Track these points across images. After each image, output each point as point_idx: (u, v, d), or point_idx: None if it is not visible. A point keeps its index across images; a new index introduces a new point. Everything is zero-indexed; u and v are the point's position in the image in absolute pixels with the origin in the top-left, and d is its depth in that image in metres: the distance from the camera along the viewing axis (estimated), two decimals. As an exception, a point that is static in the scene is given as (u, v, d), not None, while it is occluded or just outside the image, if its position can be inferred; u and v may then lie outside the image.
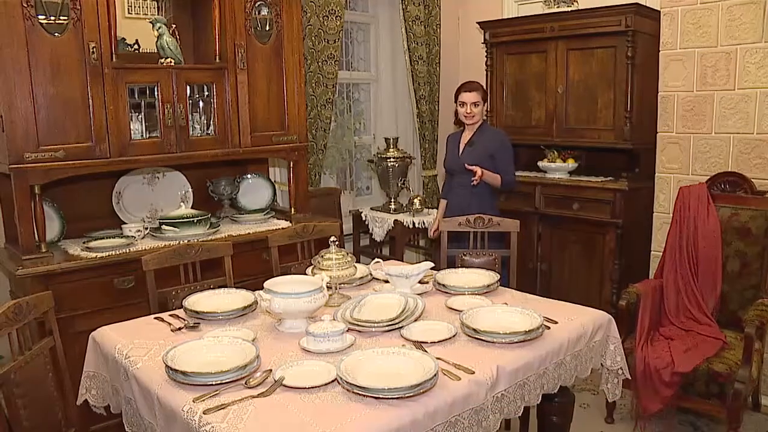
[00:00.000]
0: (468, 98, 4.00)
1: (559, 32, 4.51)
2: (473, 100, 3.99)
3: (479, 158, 3.96)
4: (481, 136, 4.07)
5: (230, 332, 2.27)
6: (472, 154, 4.01)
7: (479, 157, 3.97)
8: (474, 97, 4.00)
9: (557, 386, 2.28)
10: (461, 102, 4.04)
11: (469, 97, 4.00)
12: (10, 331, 2.13)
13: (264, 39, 3.77)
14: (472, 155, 4.01)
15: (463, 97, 4.03)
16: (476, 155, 3.99)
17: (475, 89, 4.03)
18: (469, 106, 4.00)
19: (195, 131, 3.62)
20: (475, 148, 4.04)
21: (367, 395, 1.78)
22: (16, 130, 3.03)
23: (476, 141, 4.07)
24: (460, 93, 4.06)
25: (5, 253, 3.39)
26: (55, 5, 3.06)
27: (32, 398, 2.17)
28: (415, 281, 2.71)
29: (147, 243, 3.43)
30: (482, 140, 4.06)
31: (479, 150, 4.02)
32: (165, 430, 1.92)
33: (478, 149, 4.03)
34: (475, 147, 4.04)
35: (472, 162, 3.92)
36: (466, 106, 4.01)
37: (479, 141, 4.06)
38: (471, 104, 4.00)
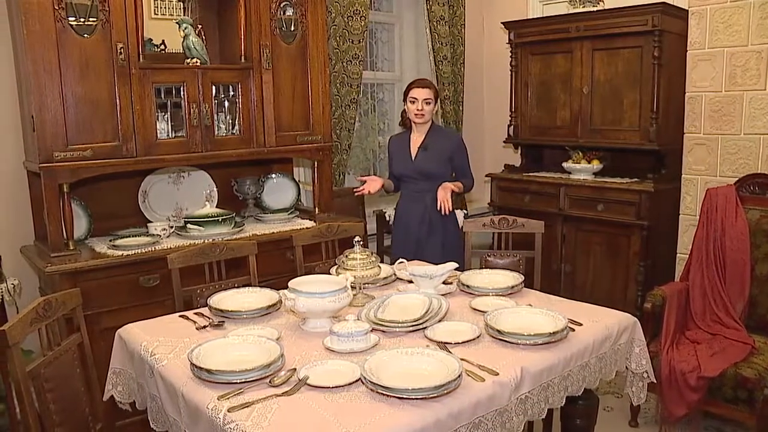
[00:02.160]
0: (420, 94, 3.73)
1: (585, 32, 4.48)
2: (425, 96, 3.73)
3: (437, 162, 3.77)
4: (435, 139, 3.83)
5: (255, 331, 2.28)
6: (429, 159, 3.78)
7: (437, 161, 3.77)
8: (426, 93, 3.74)
9: (581, 388, 2.26)
10: (412, 98, 3.76)
11: (421, 93, 3.73)
12: (39, 327, 2.16)
13: (289, 39, 3.79)
14: (429, 159, 3.78)
15: (415, 93, 3.75)
16: (433, 159, 3.77)
17: (428, 86, 3.78)
18: (420, 103, 3.73)
19: (220, 131, 3.64)
20: (430, 151, 3.80)
21: (390, 395, 1.78)
22: (46, 129, 3.07)
23: (430, 144, 3.81)
24: (412, 89, 3.79)
25: (34, 250, 3.44)
26: (85, 7, 3.11)
27: (61, 393, 2.19)
28: (439, 282, 2.70)
29: (172, 241, 3.46)
30: (437, 143, 3.81)
31: (436, 153, 3.79)
32: (190, 427, 1.93)
33: (434, 153, 3.79)
34: (430, 151, 3.80)
35: (429, 166, 3.76)
36: (418, 103, 3.73)
37: (434, 144, 3.81)
38: (423, 101, 3.73)
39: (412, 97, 3.76)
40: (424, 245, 3.73)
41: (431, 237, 3.77)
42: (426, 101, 3.73)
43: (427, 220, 3.77)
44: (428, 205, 3.76)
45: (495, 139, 5.65)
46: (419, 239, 3.77)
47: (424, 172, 3.78)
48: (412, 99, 3.76)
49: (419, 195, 3.80)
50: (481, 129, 5.97)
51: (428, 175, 3.78)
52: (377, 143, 5.37)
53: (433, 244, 3.74)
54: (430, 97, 3.75)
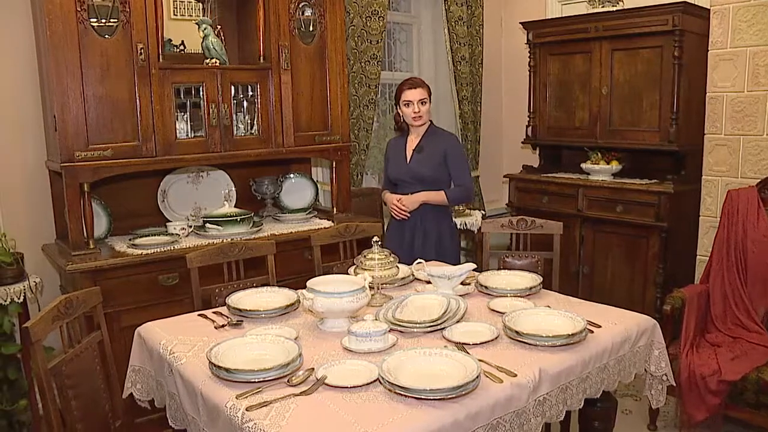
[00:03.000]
0: (413, 96, 3.54)
1: (604, 32, 4.46)
2: (420, 97, 3.55)
3: (431, 165, 3.59)
4: (431, 141, 3.64)
5: (273, 330, 2.29)
6: (422, 161, 3.61)
7: (431, 163, 3.59)
8: (420, 93, 3.55)
9: (600, 391, 2.24)
10: (406, 101, 3.57)
11: (414, 94, 3.54)
12: (61, 324, 2.18)
13: (307, 40, 3.80)
14: (422, 162, 3.61)
15: (408, 95, 3.56)
16: (427, 162, 3.60)
17: (420, 85, 3.58)
18: (416, 105, 3.54)
19: (239, 131, 3.66)
20: (424, 154, 3.62)
21: (408, 396, 1.78)
22: (68, 129, 3.11)
23: (426, 146, 3.63)
24: (403, 91, 3.58)
25: (56, 249, 3.48)
26: (106, 8, 3.14)
27: (81, 390, 2.21)
28: (457, 282, 2.70)
29: (191, 241, 3.48)
30: (433, 145, 3.62)
31: (429, 155, 3.60)
32: (208, 425, 1.94)
33: (428, 155, 3.61)
34: (424, 153, 3.62)
35: (423, 169, 3.58)
36: (413, 105, 3.55)
37: (429, 146, 3.62)
38: (418, 102, 3.54)
39: (405, 101, 3.58)
40: (420, 253, 3.46)
41: (426, 245, 3.63)
42: (421, 101, 3.56)
43: (422, 229, 3.63)
44: (425, 215, 3.63)
45: (513, 140, 5.63)
46: (414, 247, 3.62)
47: (418, 175, 3.61)
48: (406, 102, 3.58)
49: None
50: (499, 130, 5.95)
51: (422, 178, 3.60)
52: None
53: (428, 251, 3.56)
54: (425, 96, 3.58)
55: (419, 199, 3.58)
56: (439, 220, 3.64)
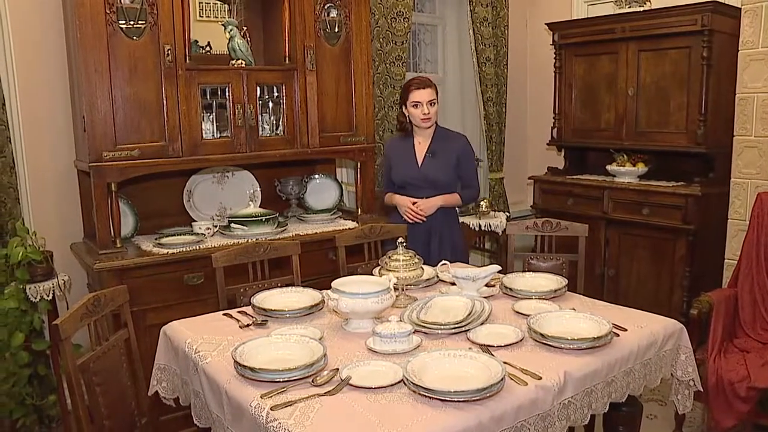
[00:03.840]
0: (423, 96, 3.47)
1: (631, 33, 4.41)
2: (429, 98, 3.47)
3: (445, 169, 3.54)
4: (442, 144, 3.57)
5: (297, 330, 2.30)
6: (437, 166, 3.55)
7: (444, 167, 3.54)
8: (429, 94, 3.47)
9: (625, 395, 2.22)
10: (415, 102, 3.49)
11: (423, 95, 3.47)
12: (89, 322, 2.21)
13: (333, 41, 3.81)
14: (437, 167, 3.54)
15: (416, 96, 3.48)
16: (441, 166, 3.54)
17: (429, 85, 3.49)
18: (425, 106, 3.47)
19: (264, 131, 3.68)
20: (438, 158, 3.55)
21: (433, 397, 1.78)
22: (96, 129, 3.15)
23: (438, 149, 3.56)
24: (411, 91, 3.49)
25: (83, 248, 3.53)
26: (134, 10, 3.17)
27: (108, 387, 2.24)
28: (482, 284, 2.69)
29: (216, 240, 3.50)
30: (445, 148, 3.56)
31: (444, 160, 3.55)
32: (232, 424, 1.95)
33: (442, 159, 3.55)
34: (438, 157, 3.55)
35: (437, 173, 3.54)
36: (422, 106, 3.47)
37: (442, 148, 3.56)
38: (427, 103, 3.47)
39: (414, 101, 3.51)
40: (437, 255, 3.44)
41: (442, 247, 3.61)
42: (430, 103, 3.49)
43: (437, 233, 3.60)
44: (437, 216, 3.60)
45: (538, 142, 5.60)
46: (431, 249, 3.57)
47: (431, 179, 3.56)
48: (415, 103, 3.50)
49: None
50: (524, 131, 5.92)
51: (435, 183, 3.57)
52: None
53: (444, 252, 3.52)
54: (434, 97, 3.50)
55: (437, 204, 3.56)
56: (450, 222, 3.66)
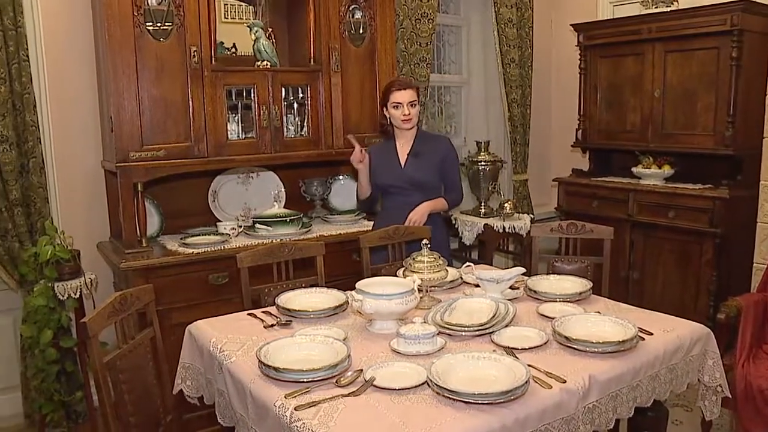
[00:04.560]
0: (403, 97, 3.35)
1: (657, 33, 4.37)
2: (409, 99, 3.35)
3: (428, 170, 3.45)
4: (426, 145, 3.48)
5: (321, 331, 2.30)
6: (420, 167, 3.44)
7: (428, 168, 3.45)
8: (410, 95, 3.36)
9: (651, 400, 2.20)
10: (395, 103, 3.37)
11: (404, 96, 3.35)
12: (116, 320, 2.23)
13: (357, 42, 3.82)
14: (420, 167, 3.44)
15: (397, 97, 3.36)
16: (425, 167, 3.45)
17: (410, 86, 3.39)
18: (405, 107, 3.35)
19: (289, 132, 3.70)
20: (421, 158, 3.45)
21: (457, 399, 1.77)
22: (123, 130, 3.19)
23: (422, 150, 3.46)
24: (392, 92, 3.38)
25: (110, 247, 3.57)
26: (162, 12, 3.21)
27: (134, 384, 2.26)
28: (506, 286, 2.68)
29: (241, 240, 3.53)
30: (429, 149, 3.47)
31: (427, 160, 3.45)
32: (256, 423, 1.96)
33: (426, 160, 3.45)
34: (421, 158, 3.45)
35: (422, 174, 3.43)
36: (403, 107, 3.35)
37: (425, 150, 3.46)
38: (407, 104, 3.35)
39: (394, 102, 3.38)
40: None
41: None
42: (411, 104, 3.37)
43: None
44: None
45: (562, 143, 5.56)
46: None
47: (416, 181, 3.45)
48: (395, 104, 3.38)
49: (410, 208, 3.45)
50: (548, 133, 5.89)
51: (420, 184, 3.45)
52: (443, 146, 5.36)
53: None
54: (414, 98, 3.39)
55: (426, 210, 3.44)
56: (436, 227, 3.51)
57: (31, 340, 3.35)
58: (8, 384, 3.69)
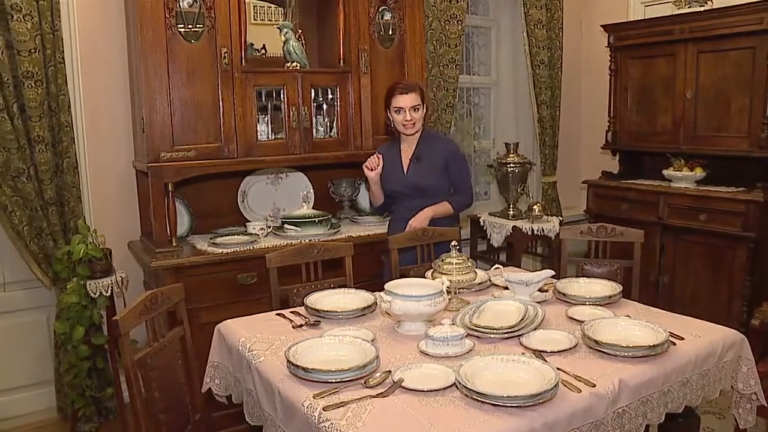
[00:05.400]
0: (405, 102, 3.28)
1: (690, 34, 4.31)
2: (412, 103, 3.28)
3: (431, 174, 3.36)
4: (428, 148, 3.39)
5: (350, 332, 2.31)
6: (423, 171, 3.37)
7: (431, 173, 3.36)
8: (412, 99, 3.28)
9: (682, 406, 2.17)
10: (397, 108, 3.30)
11: (406, 100, 3.28)
12: (147, 318, 2.25)
13: (387, 43, 3.83)
14: (423, 172, 3.37)
15: (399, 101, 3.29)
16: (427, 171, 3.36)
17: (412, 89, 3.30)
18: (408, 112, 3.28)
19: (318, 133, 3.72)
20: (423, 163, 3.38)
21: (485, 402, 1.77)
22: (155, 131, 3.23)
23: (424, 154, 3.38)
24: (394, 96, 3.31)
25: (140, 246, 3.61)
26: (193, 14, 3.25)
27: (164, 382, 2.28)
28: (535, 289, 2.66)
29: (270, 241, 3.55)
30: (431, 152, 3.38)
31: (429, 164, 3.36)
32: (284, 423, 1.97)
33: (428, 164, 3.37)
34: (423, 162, 3.38)
35: (424, 179, 3.35)
36: (404, 113, 3.29)
37: (427, 154, 3.37)
38: (410, 109, 3.28)
39: (396, 107, 3.31)
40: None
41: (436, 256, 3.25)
42: (413, 108, 3.30)
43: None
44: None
45: (592, 145, 5.52)
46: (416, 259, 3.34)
47: (418, 186, 3.38)
48: (397, 109, 3.31)
49: (414, 213, 3.40)
50: (578, 134, 5.84)
51: (423, 190, 3.38)
52: (473, 147, 5.33)
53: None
54: (418, 102, 3.31)
55: (427, 216, 3.37)
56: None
57: (64, 337, 3.41)
58: (43, 378, 3.76)
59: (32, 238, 3.43)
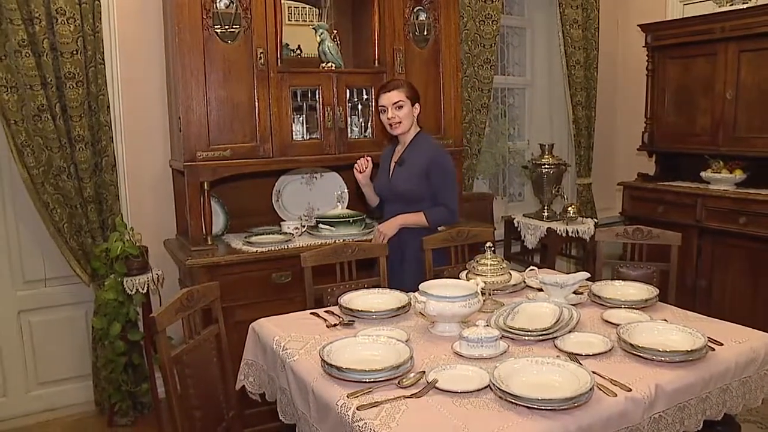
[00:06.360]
0: (387, 99, 3.14)
1: (731, 32, 4.23)
2: (394, 100, 3.13)
3: (410, 180, 3.20)
4: (413, 153, 3.24)
5: (384, 332, 2.31)
6: (401, 176, 3.24)
7: (410, 179, 3.20)
8: (396, 96, 3.13)
9: (721, 413, 2.13)
10: (381, 107, 3.18)
11: (388, 97, 3.14)
12: (183, 316, 2.28)
13: (422, 44, 3.82)
14: (402, 177, 3.23)
15: (382, 99, 3.16)
16: (407, 177, 3.22)
17: (396, 87, 3.15)
18: (390, 110, 3.14)
19: (353, 133, 3.73)
20: (405, 168, 3.23)
21: (519, 404, 1.76)
22: (191, 130, 3.27)
23: (407, 159, 3.23)
24: (379, 95, 3.19)
25: (176, 244, 3.66)
26: (229, 15, 3.28)
27: (199, 379, 2.31)
28: (570, 291, 2.64)
29: (304, 240, 3.57)
30: (415, 157, 3.22)
31: (409, 169, 3.22)
32: (318, 422, 1.98)
33: (408, 169, 3.22)
34: (405, 167, 3.23)
35: (402, 184, 3.22)
36: (387, 111, 3.15)
37: (411, 158, 3.22)
38: (393, 107, 3.13)
39: (380, 106, 3.20)
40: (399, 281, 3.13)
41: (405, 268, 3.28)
42: (396, 105, 3.14)
43: (400, 254, 3.28)
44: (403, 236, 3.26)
45: (628, 147, 5.45)
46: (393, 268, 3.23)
47: (398, 192, 3.27)
48: (382, 108, 3.19)
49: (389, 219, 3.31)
50: (613, 135, 5.77)
51: (401, 195, 3.25)
52: (507, 148, 5.30)
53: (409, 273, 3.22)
54: (401, 98, 3.14)
55: (396, 224, 3.24)
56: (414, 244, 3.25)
57: (101, 332, 3.48)
58: (81, 372, 3.84)
59: (72, 235, 3.50)
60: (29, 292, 3.75)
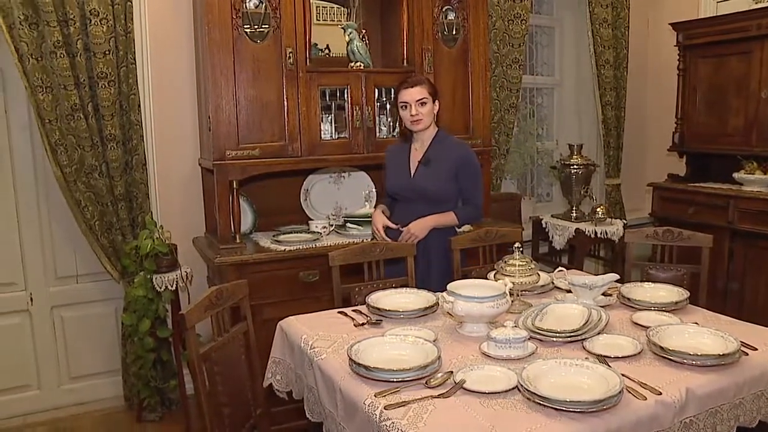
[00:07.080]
0: (410, 96, 3.08)
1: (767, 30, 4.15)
2: (418, 97, 3.07)
3: (439, 180, 3.14)
4: (439, 151, 3.17)
5: (412, 332, 2.31)
6: (429, 176, 3.16)
7: (439, 178, 3.14)
8: (419, 92, 3.07)
9: (755, 420, 2.09)
10: (403, 103, 3.12)
11: (411, 94, 3.08)
12: (212, 313, 2.30)
13: (450, 43, 3.82)
14: (430, 176, 3.15)
15: (404, 96, 3.10)
16: (434, 176, 3.15)
17: (419, 83, 3.10)
18: (413, 107, 3.08)
19: (381, 133, 3.73)
20: (432, 167, 3.16)
21: (548, 406, 1.74)
22: (221, 129, 3.29)
23: (433, 158, 3.16)
24: (399, 91, 3.13)
25: (205, 242, 3.69)
26: (259, 15, 3.30)
27: (227, 376, 2.33)
28: (599, 293, 2.61)
29: (332, 239, 3.58)
30: (441, 156, 3.16)
31: (438, 169, 3.15)
32: (345, 420, 1.99)
33: (436, 169, 3.15)
34: (432, 166, 3.16)
35: (430, 184, 3.14)
36: (410, 107, 3.09)
37: (437, 157, 3.16)
38: (416, 104, 3.08)
39: (402, 102, 3.13)
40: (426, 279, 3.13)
41: (431, 268, 3.22)
42: (420, 102, 3.09)
43: (426, 254, 3.20)
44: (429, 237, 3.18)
45: (658, 147, 5.38)
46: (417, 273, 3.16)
47: (423, 191, 3.17)
48: (403, 104, 3.13)
49: (414, 218, 3.17)
50: (643, 136, 5.71)
51: (428, 195, 3.17)
52: (535, 148, 5.26)
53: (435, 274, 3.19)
54: (425, 95, 3.09)
55: (428, 226, 3.15)
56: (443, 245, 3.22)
57: (131, 329, 3.52)
58: (111, 368, 3.91)
59: (103, 232, 3.56)
60: (61, 288, 3.82)
